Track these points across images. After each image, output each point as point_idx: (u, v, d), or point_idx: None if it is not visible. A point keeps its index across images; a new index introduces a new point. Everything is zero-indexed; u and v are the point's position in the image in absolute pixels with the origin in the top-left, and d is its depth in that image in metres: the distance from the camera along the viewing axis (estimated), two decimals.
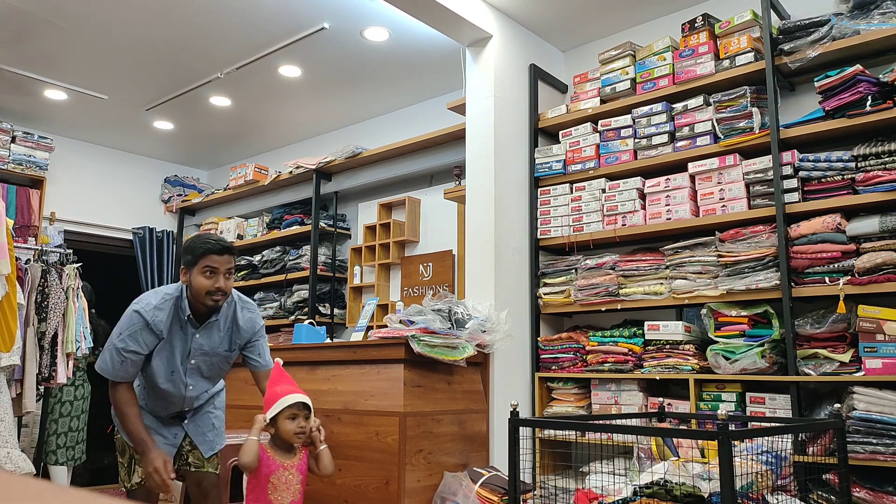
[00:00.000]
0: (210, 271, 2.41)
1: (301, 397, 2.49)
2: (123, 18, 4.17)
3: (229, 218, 6.37)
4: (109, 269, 6.56)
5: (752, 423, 2.89)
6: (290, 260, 5.70)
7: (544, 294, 3.90)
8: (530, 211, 4.01)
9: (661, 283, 3.50)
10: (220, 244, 2.44)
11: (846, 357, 2.86)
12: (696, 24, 3.61)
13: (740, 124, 3.35)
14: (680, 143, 3.57)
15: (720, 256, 3.31)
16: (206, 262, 2.41)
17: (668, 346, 3.39)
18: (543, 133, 4.17)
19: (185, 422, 2.67)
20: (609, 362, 3.53)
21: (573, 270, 3.83)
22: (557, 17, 4.08)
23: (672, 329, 3.39)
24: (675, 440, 2.83)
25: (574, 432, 3.35)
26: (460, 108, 4.24)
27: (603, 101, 3.94)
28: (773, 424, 2.69)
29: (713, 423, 2.04)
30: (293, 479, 2.48)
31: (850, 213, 3.04)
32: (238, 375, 3.35)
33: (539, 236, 3.97)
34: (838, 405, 2.58)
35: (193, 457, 2.65)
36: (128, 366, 2.41)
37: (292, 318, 5.44)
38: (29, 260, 4.42)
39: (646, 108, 3.69)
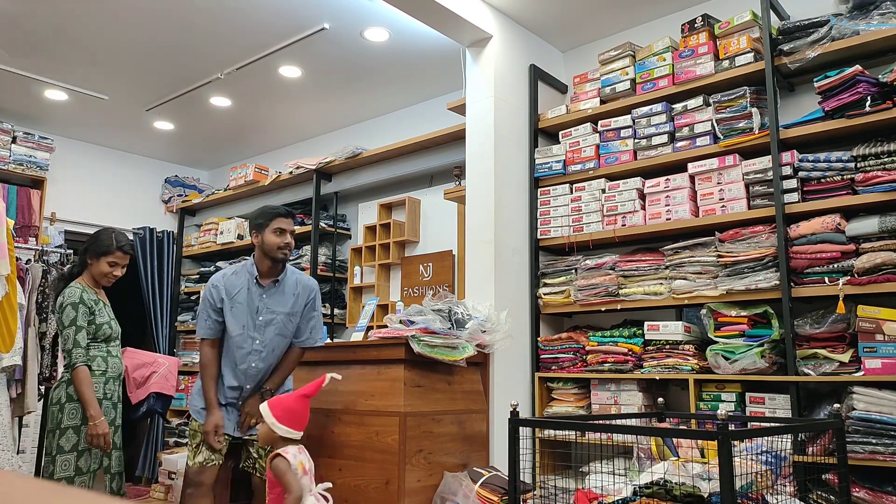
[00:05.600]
0: (279, 231, 2.99)
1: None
2: (124, 19, 4.17)
3: (230, 218, 6.37)
4: None
5: (752, 423, 2.89)
6: (290, 260, 5.70)
7: (544, 294, 3.90)
8: (530, 211, 4.01)
9: (661, 284, 3.50)
10: (286, 209, 3.07)
11: (846, 357, 2.87)
12: (695, 25, 3.61)
13: (740, 125, 3.35)
14: (680, 144, 3.57)
15: (720, 257, 3.31)
16: (277, 223, 3.00)
17: (667, 347, 3.39)
18: (543, 133, 4.18)
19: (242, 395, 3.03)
20: (609, 362, 3.53)
21: (573, 271, 3.83)
22: (557, 18, 4.08)
23: (672, 329, 3.39)
24: (674, 440, 2.83)
25: (574, 432, 3.36)
26: (460, 109, 4.24)
27: (603, 102, 3.94)
28: (772, 424, 2.70)
29: (713, 423, 2.04)
30: None
31: (850, 213, 3.04)
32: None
33: (539, 236, 3.97)
34: (838, 405, 2.58)
35: (260, 464, 3.01)
36: (210, 323, 3.00)
37: None
38: (30, 260, 4.43)
39: (645, 109, 3.70)
